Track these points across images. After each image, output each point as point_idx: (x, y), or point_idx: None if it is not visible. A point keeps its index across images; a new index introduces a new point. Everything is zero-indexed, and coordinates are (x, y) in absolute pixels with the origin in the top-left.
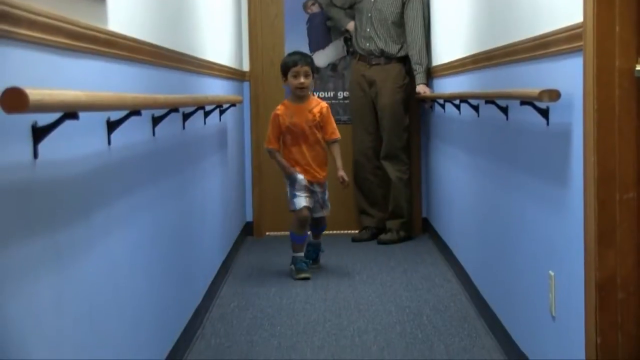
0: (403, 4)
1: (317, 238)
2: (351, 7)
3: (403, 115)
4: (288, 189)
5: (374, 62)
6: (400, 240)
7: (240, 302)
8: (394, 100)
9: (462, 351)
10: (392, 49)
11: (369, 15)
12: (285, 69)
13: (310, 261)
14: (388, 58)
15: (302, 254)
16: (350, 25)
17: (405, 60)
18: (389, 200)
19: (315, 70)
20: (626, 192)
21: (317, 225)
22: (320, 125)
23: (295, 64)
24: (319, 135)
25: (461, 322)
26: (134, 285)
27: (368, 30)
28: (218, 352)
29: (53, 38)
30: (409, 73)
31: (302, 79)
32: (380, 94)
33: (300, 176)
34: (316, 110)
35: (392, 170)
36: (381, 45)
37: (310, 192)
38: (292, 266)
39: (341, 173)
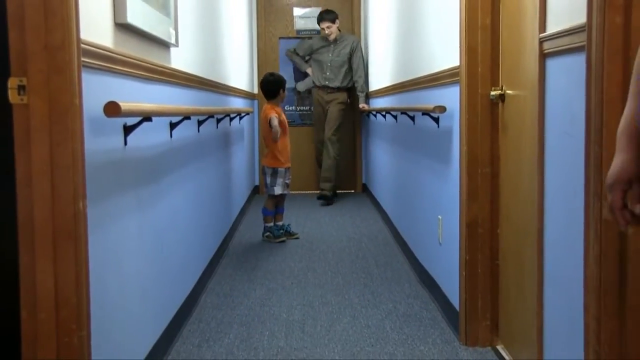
0: (350, 56)
1: (281, 218)
2: (310, 55)
3: (340, 120)
4: (269, 178)
5: (329, 91)
6: (333, 195)
7: (251, 235)
8: (337, 111)
9: (385, 263)
10: (342, 84)
11: (328, 64)
12: (284, 85)
13: (284, 232)
14: (338, 89)
15: (272, 224)
16: (309, 70)
17: (347, 89)
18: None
19: None
20: (484, 168)
21: (282, 202)
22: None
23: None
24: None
25: (385, 246)
26: (186, 222)
27: (328, 73)
28: (239, 262)
29: (136, 72)
30: (349, 97)
31: None
32: (330, 107)
33: (282, 169)
34: None
35: (326, 155)
36: (335, 83)
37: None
38: (269, 234)
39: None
